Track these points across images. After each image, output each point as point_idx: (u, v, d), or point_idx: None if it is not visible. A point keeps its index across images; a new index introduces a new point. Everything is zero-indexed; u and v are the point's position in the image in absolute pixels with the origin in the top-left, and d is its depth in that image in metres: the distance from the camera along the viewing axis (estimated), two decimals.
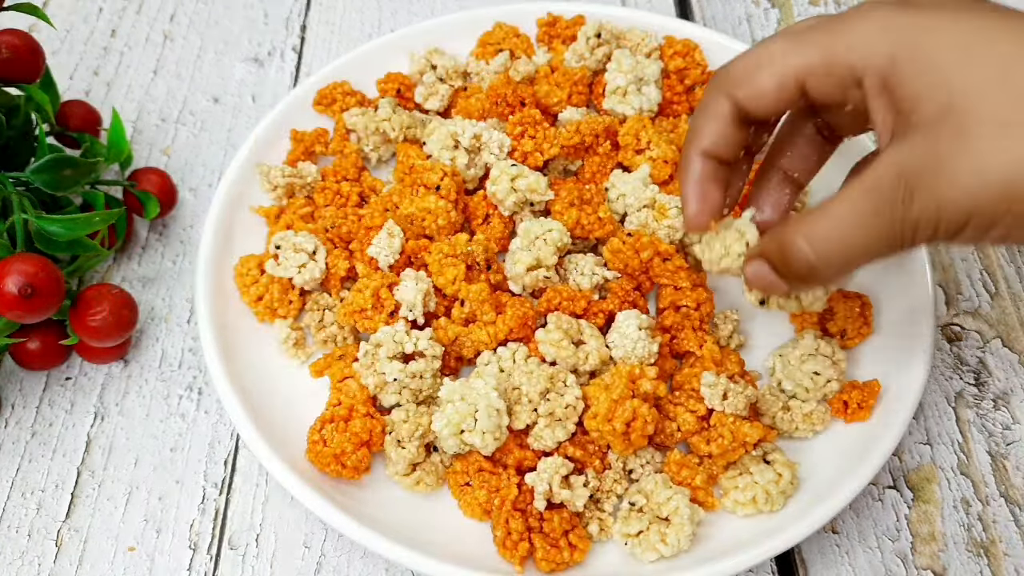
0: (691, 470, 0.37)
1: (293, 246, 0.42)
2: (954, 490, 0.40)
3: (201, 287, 0.41)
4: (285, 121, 0.48)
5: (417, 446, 0.37)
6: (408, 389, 0.38)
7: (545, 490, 0.36)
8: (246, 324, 0.42)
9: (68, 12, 0.59)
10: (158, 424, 0.42)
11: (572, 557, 0.35)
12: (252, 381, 0.40)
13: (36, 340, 0.41)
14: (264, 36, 0.58)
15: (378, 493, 0.38)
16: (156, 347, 0.44)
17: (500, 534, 0.35)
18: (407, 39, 0.51)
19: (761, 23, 0.58)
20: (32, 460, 0.41)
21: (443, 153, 0.44)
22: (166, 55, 0.57)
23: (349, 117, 0.47)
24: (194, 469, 0.40)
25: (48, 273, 0.37)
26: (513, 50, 0.51)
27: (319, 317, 0.42)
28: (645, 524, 0.35)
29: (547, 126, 0.46)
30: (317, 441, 0.37)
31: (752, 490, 0.36)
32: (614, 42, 0.50)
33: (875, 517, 0.39)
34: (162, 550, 0.38)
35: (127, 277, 0.47)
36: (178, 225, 0.49)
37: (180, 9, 0.59)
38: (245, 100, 0.54)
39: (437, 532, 0.36)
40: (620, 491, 0.37)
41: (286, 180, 0.45)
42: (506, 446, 0.37)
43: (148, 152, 0.52)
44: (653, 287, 0.42)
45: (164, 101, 0.54)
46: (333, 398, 0.39)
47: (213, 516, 0.39)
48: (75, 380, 0.43)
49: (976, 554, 0.38)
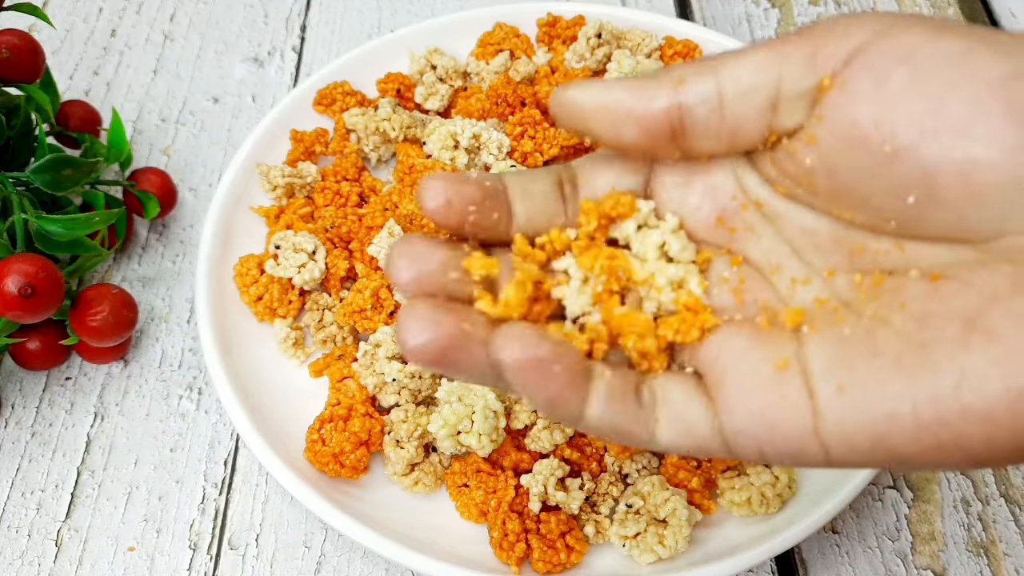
0: (688, 472, 0.37)
1: (293, 246, 0.42)
2: (954, 490, 0.40)
3: (201, 287, 0.41)
4: (285, 121, 0.48)
5: (416, 446, 0.37)
6: (407, 389, 0.38)
7: (540, 492, 0.36)
8: (246, 324, 0.42)
9: (68, 12, 0.59)
10: (158, 424, 0.42)
11: (569, 559, 0.35)
12: (252, 381, 0.40)
13: (36, 340, 0.41)
14: (264, 36, 0.58)
15: (377, 493, 0.38)
16: (156, 347, 0.44)
17: (497, 535, 0.35)
18: (407, 39, 0.51)
19: (761, 23, 0.58)
20: (32, 460, 0.41)
21: (443, 153, 0.44)
22: (166, 55, 0.57)
23: (349, 117, 0.47)
24: (194, 469, 0.40)
25: (48, 273, 0.37)
26: (513, 50, 0.51)
27: (319, 317, 0.42)
28: (642, 526, 0.35)
29: (547, 126, 0.46)
30: (316, 441, 0.37)
31: (748, 492, 0.36)
32: (614, 42, 0.50)
33: (875, 517, 0.39)
34: (162, 550, 0.38)
35: (127, 277, 0.47)
36: (178, 225, 0.49)
37: (180, 9, 0.59)
38: (245, 100, 0.54)
39: (436, 532, 0.36)
40: (616, 494, 0.37)
41: (286, 180, 0.45)
42: (503, 447, 0.37)
43: (148, 152, 0.52)
44: None
45: (164, 101, 0.54)
46: (332, 398, 0.39)
47: (213, 516, 0.39)
48: (75, 380, 0.43)
49: (976, 554, 0.38)
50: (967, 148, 0.20)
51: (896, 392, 0.20)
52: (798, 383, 0.21)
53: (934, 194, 0.20)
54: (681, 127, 0.23)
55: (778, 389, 0.21)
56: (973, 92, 0.20)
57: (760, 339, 0.23)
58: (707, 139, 0.23)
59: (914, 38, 0.21)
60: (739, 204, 0.25)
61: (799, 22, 0.58)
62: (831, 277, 0.23)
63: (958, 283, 0.20)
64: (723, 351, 0.23)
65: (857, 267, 0.23)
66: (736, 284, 0.24)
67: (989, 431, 0.19)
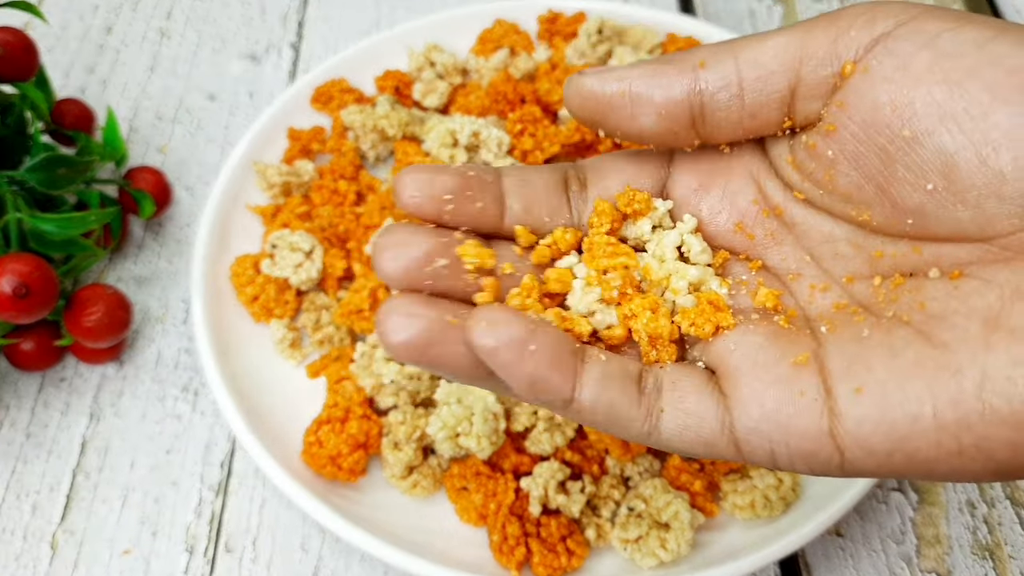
0: (691, 475, 0.37)
1: (289, 245, 0.42)
2: (959, 492, 0.39)
3: (197, 287, 0.41)
4: (282, 119, 0.48)
5: (414, 449, 0.37)
6: (405, 391, 0.38)
7: (540, 495, 0.35)
8: (242, 325, 0.42)
9: (63, 9, 0.58)
10: (153, 426, 0.41)
11: (570, 563, 0.34)
12: (248, 382, 0.39)
13: (30, 341, 0.40)
14: (261, 33, 0.57)
15: (375, 496, 0.37)
16: (151, 348, 0.44)
17: (496, 539, 0.35)
18: (405, 36, 0.51)
19: (764, 19, 0.58)
20: (27, 462, 0.40)
21: (442, 151, 0.43)
22: (162, 52, 0.56)
23: (347, 115, 0.47)
24: (190, 471, 0.40)
25: (43, 273, 0.37)
26: (513, 47, 0.51)
27: (315, 318, 0.42)
28: (644, 529, 0.35)
29: (547, 123, 0.45)
30: (313, 443, 0.37)
31: (751, 495, 0.36)
32: (616, 39, 0.50)
33: (880, 520, 0.38)
34: (158, 553, 0.38)
35: (122, 277, 0.46)
36: (174, 224, 0.48)
37: (176, 6, 0.59)
38: (242, 98, 0.54)
39: (435, 536, 0.36)
40: (617, 497, 0.37)
41: (283, 178, 0.45)
42: (503, 450, 0.37)
43: (144, 150, 0.51)
44: None
45: (160, 99, 0.54)
46: (330, 399, 0.39)
47: (209, 519, 0.39)
48: (70, 381, 0.43)
49: (981, 557, 0.38)
50: (986, 133, 0.19)
51: (916, 394, 0.19)
52: (815, 381, 0.21)
53: (953, 181, 0.20)
54: (701, 113, 0.23)
55: (795, 386, 0.21)
56: (994, 78, 0.19)
57: (778, 336, 0.22)
58: (727, 124, 0.23)
59: (937, 25, 0.21)
60: (759, 210, 0.24)
61: (802, 19, 0.58)
62: (850, 284, 0.23)
63: (978, 281, 0.20)
64: (739, 346, 0.22)
65: (876, 272, 0.22)
66: (754, 287, 0.24)
67: (1014, 436, 0.18)
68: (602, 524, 0.36)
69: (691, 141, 0.24)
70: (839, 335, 0.21)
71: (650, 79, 0.23)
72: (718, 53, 0.23)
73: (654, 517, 0.35)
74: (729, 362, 0.22)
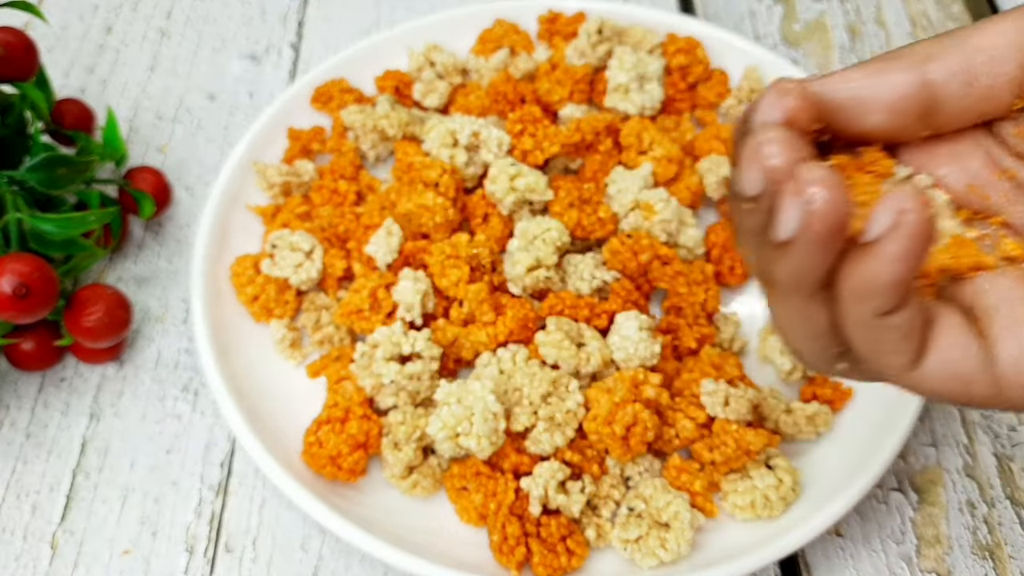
0: (691, 475, 0.37)
1: (289, 245, 0.42)
2: (959, 492, 0.39)
3: (196, 287, 0.41)
4: (282, 119, 0.48)
5: (414, 449, 0.37)
6: (405, 391, 0.38)
7: (540, 495, 0.35)
8: (242, 325, 0.42)
9: (63, 9, 0.58)
10: (153, 426, 0.41)
11: (570, 563, 0.34)
12: (248, 382, 0.39)
13: (30, 341, 0.40)
14: (261, 33, 0.57)
15: (375, 496, 0.37)
16: (151, 348, 0.44)
17: (496, 539, 0.35)
18: (406, 36, 0.51)
19: (764, 19, 0.58)
20: (27, 462, 0.40)
21: (442, 151, 0.43)
22: (162, 52, 0.56)
23: (347, 115, 0.47)
24: (190, 471, 0.40)
25: (42, 273, 0.37)
26: (513, 47, 0.51)
27: (315, 317, 0.42)
28: (644, 529, 0.35)
29: (547, 124, 0.45)
30: (313, 443, 0.37)
31: (751, 495, 0.36)
32: (616, 39, 0.50)
33: (880, 520, 0.38)
34: (158, 553, 0.38)
35: (122, 277, 0.46)
36: (174, 224, 0.48)
37: (176, 6, 0.59)
38: (242, 97, 0.54)
39: (435, 536, 0.36)
40: (617, 496, 0.37)
41: (283, 178, 0.45)
42: (503, 450, 0.37)
43: (144, 150, 0.51)
44: (653, 289, 0.42)
45: (160, 99, 0.54)
46: (330, 399, 0.39)
47: (209, 519, 0.39)
48: (70, 381, 0.43)
49: (981, 557, 0.38)
50: None
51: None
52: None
53: None
54: (933, 105, 0.23)
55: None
56: None
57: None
58: (959, 112, 0.23)
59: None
60: (991, 172, 0.25)
61: (802, 19, 0.58)
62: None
63: None
64: (992, 287, 0.23)
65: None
66: (996, 240, 0.24)
67: None
68: (602, 524, 0.36)
69: (919, 133, 0.24)
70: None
71: (877, 78, 0.23)
72: (944, 44, 0.23)
73: (654, 517, 0.35)
74: (985, 302, 0.23)
